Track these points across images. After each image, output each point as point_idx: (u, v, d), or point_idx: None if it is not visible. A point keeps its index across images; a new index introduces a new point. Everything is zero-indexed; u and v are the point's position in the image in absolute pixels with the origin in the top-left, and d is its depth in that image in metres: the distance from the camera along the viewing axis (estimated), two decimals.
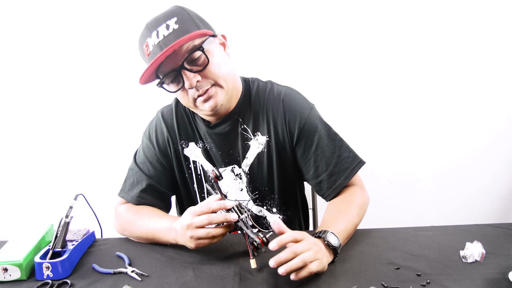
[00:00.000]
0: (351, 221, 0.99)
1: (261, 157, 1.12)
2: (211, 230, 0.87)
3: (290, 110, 1.08)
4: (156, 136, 1.15)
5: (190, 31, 0.93)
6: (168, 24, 0.93)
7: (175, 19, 0.94)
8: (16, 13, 1.74)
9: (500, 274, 0.84)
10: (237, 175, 1.15)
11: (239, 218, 0.87)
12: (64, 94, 1.84)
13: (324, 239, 0.88)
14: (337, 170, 1.07)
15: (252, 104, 1.11)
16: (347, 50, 1.78)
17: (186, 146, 1.15)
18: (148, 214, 1.06)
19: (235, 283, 0.85)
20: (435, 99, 1.84)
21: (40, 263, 0.89)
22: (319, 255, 0.83)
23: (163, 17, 0.95)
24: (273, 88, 1.12)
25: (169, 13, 0.96)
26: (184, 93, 1.00)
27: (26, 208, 1.96)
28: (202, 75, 0.96)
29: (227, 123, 1.10)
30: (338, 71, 1.81)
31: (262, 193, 1.16)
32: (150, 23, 0.96)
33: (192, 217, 0.87)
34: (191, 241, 0.89)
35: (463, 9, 1.71)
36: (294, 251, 0.80)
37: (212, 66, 0.97)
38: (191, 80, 0.95)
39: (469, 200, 1.96)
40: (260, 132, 1.11)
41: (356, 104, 1.86)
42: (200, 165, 1.15)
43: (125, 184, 1.16)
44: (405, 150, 1.91)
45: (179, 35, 0.91)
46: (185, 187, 1.20)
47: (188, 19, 0.96)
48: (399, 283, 0.81)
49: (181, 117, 1.16)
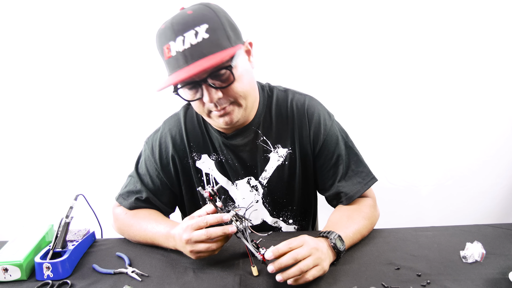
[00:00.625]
0: (359, 230, 0.98)
1: (281, 169, 1.09)
2: (211, 245, 0.86)
3: (314, 122, 1.06)
4: (159, 152, 1.10)
5: (220, 45, 0.85)
6: (197, 31, 0.83)
7: (205, 26, 0.84)
8: (19, 14, 1.73)
9: (500, 274, 0.84)
10: (253, 186, 1.11)
11: (238, 230, 0.85)
12: (65, 95, 1.83)
13: (330, 241, 0.88)
14: (350, 183, 1.07)
15: (273, 116, 1.07)
16: (350, 51, 1.78)
17: (198, 158, 1.10)
18: (145, 218, 1.05)
19: (235, 283, 0.85)
20: (436, 100, 1.84)
21: (41, 263, 0.89)
22: (319, 260, 0.82)
23: (192, 20, 0.84)
24: (294, 98, 1.08)
25: (199, 16, 0.85)
26: (200, 103, 0.93)
27: (26, 208, 1.96)
28: (223, 92, 0.90)
29: (244, 135, 1.05)
30: (340, 73, 1.81)
31: (279, 205, 1.14)
32: (177, 24, 0.84)
33: (190, 232, 0.85)
34: (191, 254, 0.89)
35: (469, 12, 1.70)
36: (295, 257, 0.80)
37: (236, 84, 0.90)
38: (211, 96, 0.88)
39: (469, 200, 1.96)
40: (281, 145, 1.07)
41: (357, 105, 1.86)
42: (213, 177, 1.11)
43: (123, 190, 1.14)
44: (405, 151, 1.91)
45: (209, 48, 0.84)
46: (193, 201, 1.16)
47: (219, 28, 0.86)
48: (400, 284, 0.81)
49: (192, 128, 1.09)
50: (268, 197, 1.12)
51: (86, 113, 1.86)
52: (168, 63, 0.89)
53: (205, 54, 0.84)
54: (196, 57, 0.84)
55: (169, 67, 0.89)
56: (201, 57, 0.84)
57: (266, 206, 1.14)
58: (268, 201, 1.13)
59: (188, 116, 1.11)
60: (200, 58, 0.84)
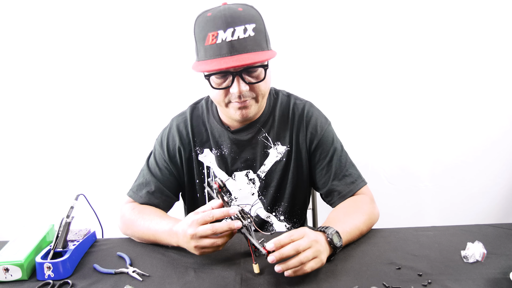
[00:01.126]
0: (357, 226, 1.00)
1: (278, 165, 1.17)
2: (216, 240, 0.87)
3: (312, 124, 1.16)
4: (167, 143, 1.19)
5: (261, 45, 0.97)
6: (246, 28, 0.94)
7: (254, 25, 0.95)
8: (20, 14, 1.74)
9: (501, 274, 0.84)
10: (251, 179, 1.19)
11: (243, 225, 0.86)
12: (66, 95, 1.84)
13: (327, 236, 0.90)
14: (343, 182, 1.14)
15: (276, 116, 1.17)
16: (349, 49, 1.78)
17: (201, 152, 1.19)
18: (150, 214, 1.07)
19: (236, 283, 0.85)
20: (436, 100, 1.84)
21: (41, 263, 0.89)
22: (318, 252, 0.85)
23: (243, 17, 0.95)
24: (295, 103, 1.19)
25: (251, 15, 0.97)
26: (224, 93, 1.02)
27: (27, 208, 1.96)
28: (250, 87, 1.00)
29: (249, 131, 1.16)
30: (339, 71, 1.81)
31: (273, 199, 1.20)
32: (230, 17, 0.94)
33: (195, 227, 0.86)
34: (195, 250, 0.89)
35: (466, 8, 1.71)
36: (296, 248, 0.82)
37: (264, 84, 1.02)
38: (241, 88, 0.97)
39: (470, 200, 1.96)
40: (281, 142, 1.17)
41: (357, 104, 1.86)
42: (213, 171, 1.19)
43: (134, 184, 1.20)
44: (405, 150, 1.91)
45: (253, 46, 0.95)
46: (192, 192, 1.23)
47: (262, 31, 0.99)
48: (401, 283, 0.81)
49: (197, 125, 1.20)
50: (264, 190, 1.20)
51: (87, 113, 1.87)
52: (208, 49, 0.96)
53: (248, 50, 0.94)
54: (240, 50, 0.93)
55: (208, 52, 0.96)
56: (244, 52, 0.94)
57: (262, 199, 1.21)
58: (264, 194, 1.20)
59: (194, 114, 1.21)
60: (243, 52, 0.94)
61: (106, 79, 1.82)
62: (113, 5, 1.73)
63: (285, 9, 1.73)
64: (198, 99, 1.26)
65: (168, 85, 1.82)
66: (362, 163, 1.88)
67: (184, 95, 1.63)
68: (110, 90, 1.84)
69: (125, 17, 1.74)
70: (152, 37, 1.76)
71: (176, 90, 1.79)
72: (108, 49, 1.78)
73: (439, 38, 1.75)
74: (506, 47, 1.75)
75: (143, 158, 1.24)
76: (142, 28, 1.75)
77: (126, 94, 1.84)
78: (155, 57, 1.78)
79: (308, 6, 1.73)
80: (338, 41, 1.77)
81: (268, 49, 1.01)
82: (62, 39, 1.76)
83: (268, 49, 1.01)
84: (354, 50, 1.78)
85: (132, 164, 1.42)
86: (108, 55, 1.79)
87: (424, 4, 1.71)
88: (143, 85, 1.83)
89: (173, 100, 1.80)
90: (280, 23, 1.74)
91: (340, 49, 1.78)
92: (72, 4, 1.72)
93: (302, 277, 0.85)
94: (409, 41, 1.76)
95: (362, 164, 1.88)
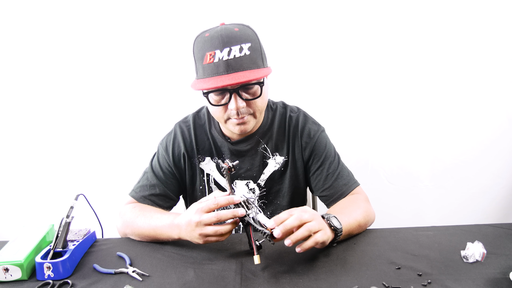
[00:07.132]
0: (355, 218, 1.02)
1: (276, 174, 1.22)
2: (220, 228, 0.88)
3: (305, 134, 1.21)
4: (172, 148, 1.22)
5: (257, 63, 1.01)
6: (242, 47, 0.98)
7: (249, 44, 0.99)
8: (21, 14, 1.74)
9: (501, 274, 0.84)
10: (251, 189, 1.23)
11: (247, 213, 0.88)
12: (66, 95, 1.84)
13: (326, 219, 0.92)
14: (336, 184, 1.18)
15: (275, 128, 1.22)
16: (348, 49, 1.78)
17: (202, 160, 1.23)
18: (151, 211, 1.09)
19: (236, 283, 0.85)
20: (435, 100, 1.84)
21: (41, 263, 0.89)
22: (322, 225, 0.88)
23: (239, 37, 0.99)
24: (291, 114, 1.24)
25: (246, 35, 1.00)
26: (222, 109, 1.05)
27: (27, 208, 1.96)
28: (247, 103, 1.04)
29: (248, 142, 1.20)
30: (338, 71, 1.81)
31: (272, 206, 1.25)
32: (226, 37, 0.98)
33: (200, 214, 0.89)
34: (199, 238, 0.90)
35: (465, 8, 1.71)
36: (299, 218, 0.84)
37: (260, 100, 1.06)
38: (238, 105, 1.01)
39: (470, 200, 1.96)
40: (279, 153, 1.22)
41: (356, 104, 1.86)
42: (213, 178, 1.23)
43: (137, 185, 1.21)
44: (405, 150, 1.91)
45: (249, 64, 0.99)
46: (194, 197, 1.26)
47: (257, 49, 1.02)
48: (400, 283, 0.81)
49: (200, 133, 1.23)
50: (263, 198, 1.25)
51: (87, 113, 1.87)
52: (206, 67, 1.00)
53: (244, 68, 0.98)
54: (236, 69, 0.98)
55: (206, 71, 1.00)
56: (240, 70, 0.98)
57: (261, 206, 1.25)
58: (263, 201, 1.25)
59: (196, 123, 1.25)
60: (239, 70, 0.98)
61: (106, 80, 1.82)
62: (120, 10, 1.73)
63: (283, 12, 1.73)
64: (199, 108, 1.29)
65: (168, 86, 1.82)
66: (362, 163, 1.89)
67: (184, 96, 1.64)
68: (110, 91, 1.84)
69: (131, 22, 1.74)
70: (152, 38, 1.76)
71: (176, 91, 1.79)
72: (108, 49, 1.78)
73: (439, 39, 1.75)
74: (505, 47, 1.75)
75: (143, 159, 1.24)
76: (143, 31, 1.75)
77: (126, 95, 1.84)
78: (155, 57, 1.78)
79: (307, 6, 1.73)
80: (338, 41, 1.77)
81: (264, 66, 1.04)
82: (64, 41, 1.77)
83: (264, 66, 1.04)
84: (355, 51, 1.78)
85: (132, 164, 1.43)
86: (108, 57, 1.79)
87: (423, 4, 1.71)
88: (143, 86, 1.83)
89: (173, 102, 1.81)
90: (280, 23, 1.74)
91: (340, 49, 1.78)
92: (82, 4, 1.72)
93: (302, 277, 0.85)
94: (409, 42, 1.76)
95: (362, 164, 1.90)
